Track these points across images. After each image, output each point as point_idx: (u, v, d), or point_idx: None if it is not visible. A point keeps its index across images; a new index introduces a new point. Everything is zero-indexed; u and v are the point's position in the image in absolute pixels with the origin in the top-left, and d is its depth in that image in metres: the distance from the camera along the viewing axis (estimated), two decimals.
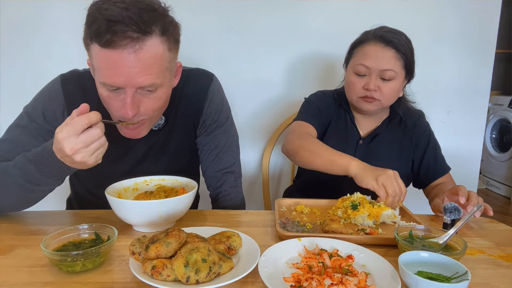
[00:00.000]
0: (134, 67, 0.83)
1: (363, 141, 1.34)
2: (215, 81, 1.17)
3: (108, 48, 0.81)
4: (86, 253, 0.70)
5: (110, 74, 0.84)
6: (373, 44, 1.21)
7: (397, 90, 1.25)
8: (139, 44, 0.82)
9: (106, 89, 0.89)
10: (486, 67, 1.97)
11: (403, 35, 1.23)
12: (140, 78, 0.85)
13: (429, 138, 1.35)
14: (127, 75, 0.84)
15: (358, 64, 1.23)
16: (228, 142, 1.17)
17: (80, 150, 0.75)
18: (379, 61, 1.20)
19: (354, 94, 1.27)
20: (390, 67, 1.19)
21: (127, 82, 0.85)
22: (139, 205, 0.86)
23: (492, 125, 3.94)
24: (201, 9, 1.83)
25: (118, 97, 0.89)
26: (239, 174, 1.21)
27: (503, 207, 3.58)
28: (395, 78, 1.21)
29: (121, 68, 0.83)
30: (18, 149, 0.95)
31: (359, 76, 1.24)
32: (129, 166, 1.12)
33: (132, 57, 0.82)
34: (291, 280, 0.68)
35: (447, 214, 0.91)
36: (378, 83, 1.21)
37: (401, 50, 1.19)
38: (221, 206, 1.17)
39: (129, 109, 0.88)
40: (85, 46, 0.88)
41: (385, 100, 1.25)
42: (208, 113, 1.13)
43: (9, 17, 1.79)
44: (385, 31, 1.22)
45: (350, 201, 1.02)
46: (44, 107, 1.02)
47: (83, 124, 0.74)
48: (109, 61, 0.83)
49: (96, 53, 0.85)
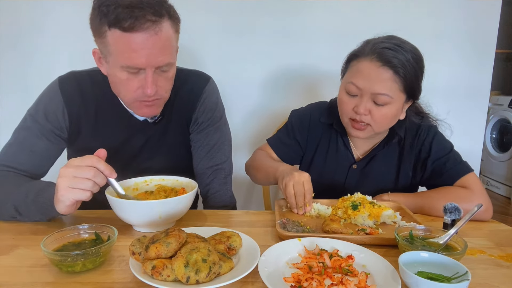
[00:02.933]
0: (154, 48, 0.91)
1: (357, 165, 1.25)
2: (211, 82, 1.22)
3: (131, 32, 0.88)
4: (86, 253, 0.70)
5: (133, 56, 0.90)
6: (368, 61, 1.06)
7: (393, 116, 1.11)
8: (158, 26, 0.90)
9: (126, 72, 0.94)
10: (486, 67, 1.98)
11: (410, 51, 1.06)
12: (160, 58, 0.93)
13: (430, 147, 1.18)
14: (148, 56, 0.91)
15: (350, 83, 1.09)
16: (220, 140, 1.21)
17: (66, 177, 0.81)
18: (372, 82, 1.05)
19: (345, 114, 1.15)
20: (384, 91, 1.04)
21: (149, 63, 0.92)
22: (139, 205, 0.86)
23: (492, 125, 3.94)
24: (201, 9, 1.83)
25: (137, 78, 0.96)
26: (229, 172, 1.24)
27: (503, 207, 3.58)
28: (390, 103, 1.07)
29: (143, 49, 0.90)
30: (24, 151, 1.04)
31: (350, 95, 1.11)
32: (127, 159, 1.15)
33: (153, 39, 0.90)
34: (291, 280, 0.68)
35: (447, 214, 0.91)
36: (370, 107, 1.07)
37: (400, 72, 1.03)
38: (210, 203, 1.20)
39: (150, 88, 0.95)
40: (97, 35, 0.94)
41: (377, 126, 1.11)
42: (201, 111, 1.17)
43: (9, 18, 1.79)
44: (386, 46, 1.05)
45: (351, 201, 1.02)
46: (45, 108, 1.07)
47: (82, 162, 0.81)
48: (132, 44, 0.89)
49: (116, 38, 0.90)
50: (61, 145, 1.11)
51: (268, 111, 1.97)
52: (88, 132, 1.11)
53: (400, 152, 1.22)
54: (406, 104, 1.14)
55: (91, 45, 0.99)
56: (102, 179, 0.83)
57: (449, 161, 1.15)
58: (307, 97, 1.88)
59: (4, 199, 0.93)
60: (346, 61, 1.16)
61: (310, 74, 1.91)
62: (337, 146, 1.27)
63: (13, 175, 1.01)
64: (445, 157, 1.16)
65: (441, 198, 1.06)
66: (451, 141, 1.22)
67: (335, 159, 1.28)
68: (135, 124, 1.13)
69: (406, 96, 1.10)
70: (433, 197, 1.10)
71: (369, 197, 1.05)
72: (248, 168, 1.34)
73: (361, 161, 1.25)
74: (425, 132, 1.20)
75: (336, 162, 1.27)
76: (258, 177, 1.28)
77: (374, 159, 1.24)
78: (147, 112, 1.05)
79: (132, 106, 1.04)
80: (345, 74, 1.15)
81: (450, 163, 1.15)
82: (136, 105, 1.03)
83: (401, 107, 1.12)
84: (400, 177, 1.23)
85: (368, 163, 1.24)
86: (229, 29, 1.86)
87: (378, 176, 1.23)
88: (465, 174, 1.12)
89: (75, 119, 1.09)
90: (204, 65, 1.86)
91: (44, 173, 1.10)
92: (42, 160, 1.08)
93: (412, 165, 1.22)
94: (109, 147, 1.09)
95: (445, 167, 1.15)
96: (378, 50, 1.05)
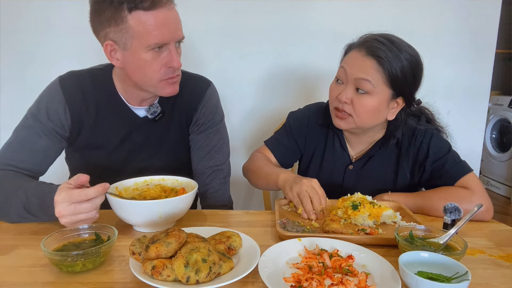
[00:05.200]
0: (175, 22, 1.00)
1: (353, 165, 1.25)
2: (212, 87, 1.24)
3: (154, 9, 0.94)
4: (86, 253, 0.70)
5: (161, 31, 0.96)
6: (357, 50, 1.11)
7: (374, 109, 1.10)
8: (171, 2, 0.98)
9: (152, 52, 0.98)
10: (486, 67, 1.98)
11: (405, 51, 1.07)
12: (179, 31, 1.02)
13: (427, 149, 1.16)
14: (173, 30, 0.98)
15: (340, 68, 1.14)
16: (220, 142, 1.22)
17: (66, 216, 0.81)
18: (356, 67, 1.08)
19: (330, 102, 1.18)
20: (367, 76, 1.06)
21: (173, 36, 0.99)
22: (139, 205, 0.86)
23: (492, 125, 3.94)
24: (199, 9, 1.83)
25: (160, 56, 1.00)
26: (228, 173, 1.25)
27: (503, 207, 3.58)
28: (371, 93, 1.07)
29: (168, 24, 0.97)
30: (25, 149, 1.05)
31: (337, 83, 1.14)
32: (126, 157, 1.16)
33: (173, 13, 0.98)
34: (291, 280, 0.68)
35: (447, 214, 0.91)
36: (352, 95, 1.09)
37: (384, 64, 1.05)
38: (209, 203, 1.20)
39: (177, 61, 1.01)
40: (113, 24, 0.95)
41: (358, 118, 1.11)
42: (202, 113, 1.19)
43: (9, 18, 1.79)
44: (375, 38, 1.09)
45: (351, 201, 1.02)
46: (47, 107, 1.08)
47: (79, 198, 0.80)
48: (158, 20, 0.95)
49: (140, 19, 0.94)
50: (61, 144, 1.12)
51: (267, 112, 1.97)
52: (89, 130, 1.12)
53: (398, 154, 1.21)
54: (392, 102, 1.12)
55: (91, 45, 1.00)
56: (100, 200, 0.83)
57: (448, 162, 1.14)
58: (305, 97, 1.88)
59: (4, 200, 0.93)
60: (344, 52, 1.20)
61: (309, 74, 1.91)
62: (334, 146, 1.27)
63: (13, 174, 1.01)
64: (443, 158, 1.15)
65: (441, 198, 1.05)
66: (448, 141, 1.20)
67: (332, 160, 1.28)
68: (135, 121, 1.14)
69: (391, 92, 1.09)
70: (433, 197, 1.10)
71: (369, 197, 1.05)
72: (246, 171, 1.32)
73: (357, 162, 1.24)
74: (422, 134, 1.18)
75: (333, 163, 1.27)
76: (257, 182, 1.27)
77: (371, 160, 1.23)
78: (172, 90, 1.07)
79: (157, 87, 1.05)
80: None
81: (449, 164, 1.13)
82: (161, 85, 1.05)
83: (384, 102, 1.10)
84: (398, 179, 1.22)
85: (365, 164, 1.23)
86: (227, 30, 1.86)
87: (375, 178, 1.22)
88: (464, 174, 1.11)
89: (76, 116, 1.10)
90: (201, 64, 1.86)
91: (44, 171, 1.11)
92: (42, 159, 1.08)
93: (410, 167, 1.20)
94: (109, 144, 1.14)
95: (444, 168, 1.14)
96: (368, 41, 1.10)
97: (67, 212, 0.79)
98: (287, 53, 1.91)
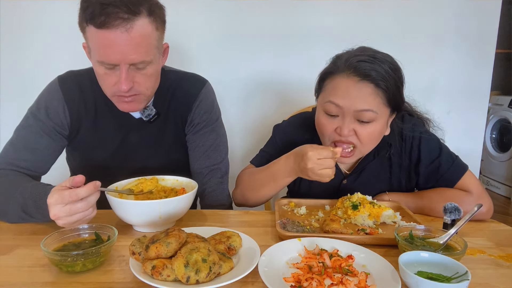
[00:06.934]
0: (126, 45, 0.92)
1: (347, 180, 1.16)
2: (208, 86, 1.23)
3: (103, 29, 0.90)
4: (86, 253, 0.70)
5: (106, 52, 0.93)
6: (345, 77, 0.97)
7: (379, 133, 1.03)
8: (130, 23, 0.91)
9: (103, 67, 0.97)
10: (486, 67, 1.98)
11: (387, 62, 0.98)
12: (133, 55, 0.94)
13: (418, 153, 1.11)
14: (121, 52, 0.93)
15: (328, 102, 1.00)
16: (217, 141, 1.22)
17: (63, 218, 0.80)
18: (353, 99, 0.96)
19: (326, 138, 1.05)
20: (368, 107, 0.96)
21: (121, 59, 0.94)
22: (139, 205, 0.86)
23: (492, 125, 3.94)
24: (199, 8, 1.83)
25: (114, 74, 0.98)
26: (226, 172, 1.25)
27: (503, 207, 3.58)
28: (375, 120, 0.99)
29: (115, 46, 0.92)
30: (26, 148, 1.06)
31: (330, 116, 1.02)
32: (125, 157, 1.16)
33: (124, 36, 0.91)
34: (291, 280, 0.68)
35: (447, 214, 0.91)
36: (354, 126, 0.99)
37: (381, 85, 0.95)
38: (207, 202, 1.20)
39: (124, 84, 0.96)
40: (81, 29, 0.97)
41: (364, 147, 1.04)
42: (197, 113, 1.19)
43: (9, 18, 1.80)
44: (360, 59, 0.96)
45: (351, 201, 1.01)
46: (47, 106, 1.09)
47: (71, 198, 0.79)
48: (104, 41, 0.92)
49: (92, 34, 0.93)
50: (62, 143, 1.13)
51: (266, 112, 1.97)
52: (88, 129, 1.13)
53: (389, 159, 1.15)
54: (390, 117, 1.06)
55: None
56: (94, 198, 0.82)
57: (442, 164, 1.09)
58: (304, 97, 1.88)
59: (4, 200, 0.93)
60: (319, 80, 1.07)
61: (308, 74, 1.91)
62: None
63: (13, 174, 1.02)
64: (437, 160, 1.10)
65: (440, 200, 1.03)
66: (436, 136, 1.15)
67: None
68: (130, 122, 1.15)
69: (390, 109, 1.02)
70: (433, 198, 1.08)
71: (369, 197, 1.04)
72: (241, 196, 1.18)
73: (351, 176, 1.17)
74: (410, 137, 1.12)
75: None
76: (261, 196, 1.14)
77: (364, 172, 1.16)
78: (126, 107, 1.05)
79: (113, 100, 1.05)
80: (320, 94, 1.06)
81: (443, 166, 1.09)
82: (115, 100, 1.04)
83: (386, 122, 1.04)
84: (394, 186, 1.16)
85: (359, 177, 1.16)
86: (227, 29, 1.86)
87: (370, 188, 1.13)
88: (462, 175, 1.09)
89: (75, 115, 1.11)
90: (200, 63, 1.86)
91: (46, 170, 1.12)
92: (44, 158, 1.09)
93: (404, 173, 1.15)
94: (108, 145, 1.15)
95: (439, 172, 1.10)
96: (353, 64, 0.97)
97: (63, 214, 0.79)
98: (287, 52, 1.90)
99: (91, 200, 0.82)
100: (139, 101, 1.05)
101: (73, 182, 0.81)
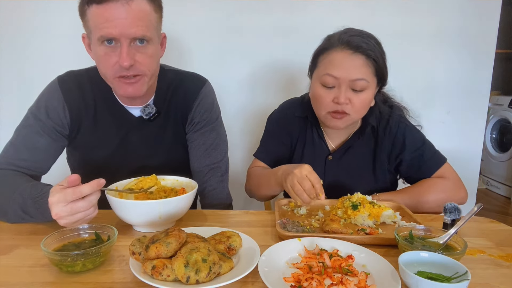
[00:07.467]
0: (126, 18, 0.94)
1: (332, 156, 1.26)
2: (208, 85, 1.24)
3: (104, 4, 0.93)
4: (86, 253, 0.70)
5: (107, 26, 0.94)
6: (339, 50, 1.07)
7: (369, 101, 1.14)
8: None
9: (104, 46, 0.97)
10: (486, 67, 1.98)
11: (372, 37, 1.10)
12: (133, 28, 0.95)
13: (403, 141, 1.20)
14: (121, 26, 0.94)
15: (325, 75, 1.09)
16: (217, 140, 1.22)
17: (65, 217, 0.79)
18: (348, 70, 1.06)
19: (323, 108, 1.13)
20: (361, 76, 1.06)
21: (122, 32, 0.95)
22: (139, 205, 0.86)
23: (492, 125, 3.94)
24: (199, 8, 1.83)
25: (114, 53, 0.98)
26: (226, 170, 1.25)
27: (503, 207, 3.58)
28: (367, 88, 1.09)
29: (116, 19, 0.94)
30: (26, 148, 1.06)
31: (327, 88, 1.11)
32: (125, 156, 1.16)
33: (124, 8, 0.94)
34: (291, 280, 0.68)
35: (447, 214, 0.91)
36: (349, 95, 1.09)
37: (372, 55, 1.06)
38: (207, 201, 1.21)
39: (125, 59, 0.96)
40: (81, 16, 0.99)
41: (356, 114, 1.13)
42: (197, 112, 1.19)
43: (9, 18, 1.79)
44: (351, 35, 1.08)
45: (351, 201, 1.02)
46: (47, 105, 1.09)
47: (74, 196, 0.78)
48: (105, 14, 0.94)
49: (93, 13, 0.95)
50: (62, 142, 1.13)
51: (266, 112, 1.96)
52: (88, 128, 1.13)
53: (375, 142, 1.24)
54: (376, 89, 1.16)
55: None
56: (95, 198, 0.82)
57: (425, 153, 1.20)
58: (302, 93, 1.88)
59: (3, 200, 0.93)
60: (313, 57, 1.18)
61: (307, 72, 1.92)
62: (313, 138, 1.28)
63: (14, 174, 1.02)
64: (420, 149, 1.20)
65: (426, 191, 1.14)
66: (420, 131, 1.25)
67: (312, 151, 1.28)
68: (130, 121, 1.15)
69: (377, 80, 1.12)
70: (419, 191, 1.16)
71: (369, 197, 1.05)
72: (249, 191, 1.32)
73: (336, 152, 1.26)
74: (396, 124, 1.22)
75: (313, 154, 1.28)
76: (263, 194, 1.25)
77: (350, 150, 1.25)
78: (130, 91, 1.03)
79: (114, 85, 1.04)
80: (315, 70, 1.16)
81: (426, 155, 1.20)
82: (117, 83, 1.03)
83: (373, 92, 1.14)
84: (376, 168, 1.24)
85: (344, 154, 1.25)
86: (225, 29, 1.86)
87: (355, 167, 1.24)
88: (441, 165, 1.19)
89: (75, 115, 1.11)
90: (199, 65, 1.86)
91: (46, 170, 1.12)
92: (44, 158, 1.09)
93: (387, 157, 1.23)
94: (108, 144, 1.15)
95: (422, 160, 1.19)
96: (346, 39, 1.08)
97: (65, 213, 0.79)
98: (287, 52, 1.90)
99: (93, 199, 0.81)
100: (142, 83, 1.04)
101: (69, 182, 0.80)
